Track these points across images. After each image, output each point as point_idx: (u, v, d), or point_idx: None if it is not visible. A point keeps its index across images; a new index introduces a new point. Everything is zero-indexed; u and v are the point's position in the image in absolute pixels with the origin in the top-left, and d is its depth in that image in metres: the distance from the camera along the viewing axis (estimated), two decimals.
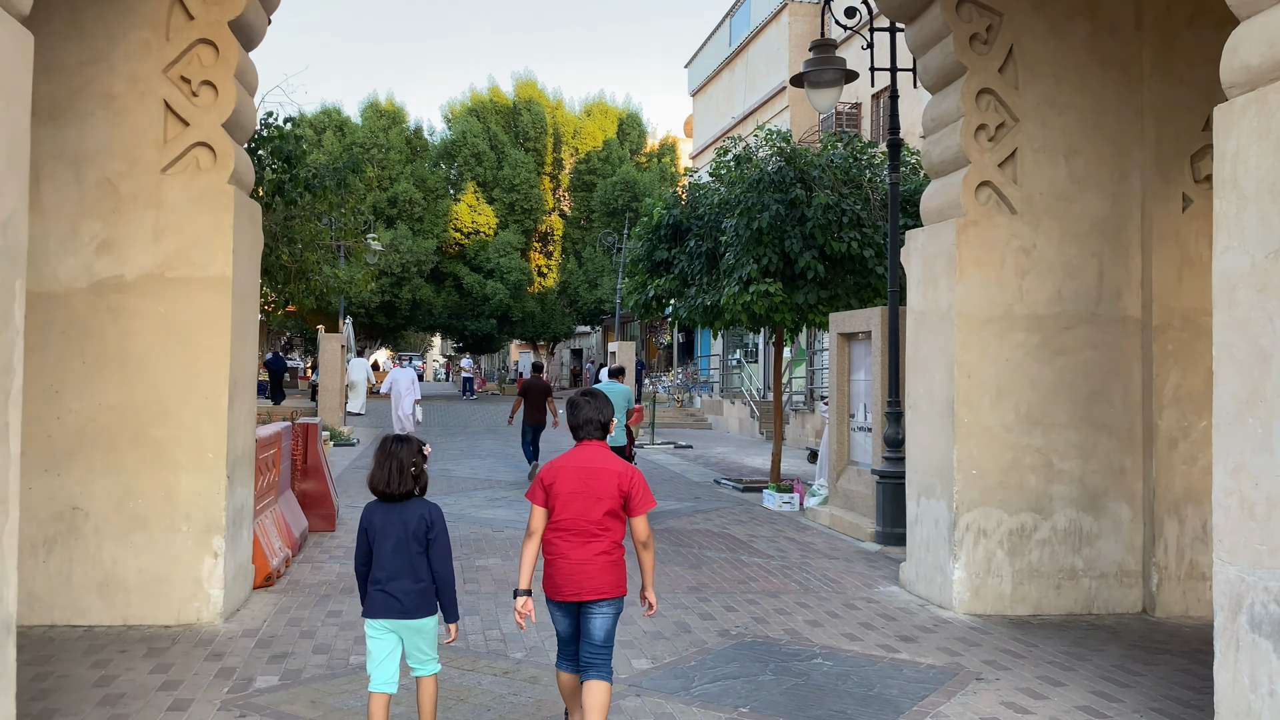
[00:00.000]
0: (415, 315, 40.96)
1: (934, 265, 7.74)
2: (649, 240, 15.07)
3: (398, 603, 4.21)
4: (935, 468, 7.64)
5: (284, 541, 8.49)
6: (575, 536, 4.23)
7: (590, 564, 4.22)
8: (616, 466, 4.30)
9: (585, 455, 4.33)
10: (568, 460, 4.33)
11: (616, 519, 4.28)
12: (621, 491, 4.24)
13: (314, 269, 13.08)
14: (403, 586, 4.21)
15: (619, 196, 39.15)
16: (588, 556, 4.22)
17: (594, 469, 4.27)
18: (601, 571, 4.22)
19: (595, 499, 4.22)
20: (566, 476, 4.27)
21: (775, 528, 11.21)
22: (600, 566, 4.22)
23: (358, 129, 39.86)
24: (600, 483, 4.24)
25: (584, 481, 4.24)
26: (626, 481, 4.27)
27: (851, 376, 11.80)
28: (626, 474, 4.30)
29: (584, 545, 4.22)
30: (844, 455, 11.79)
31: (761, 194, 12.99)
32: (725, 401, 28.62)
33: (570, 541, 4.23)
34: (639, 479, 4.32)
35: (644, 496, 4.30)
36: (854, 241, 12.74)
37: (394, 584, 4.20)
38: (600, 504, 4.23)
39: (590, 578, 4.22)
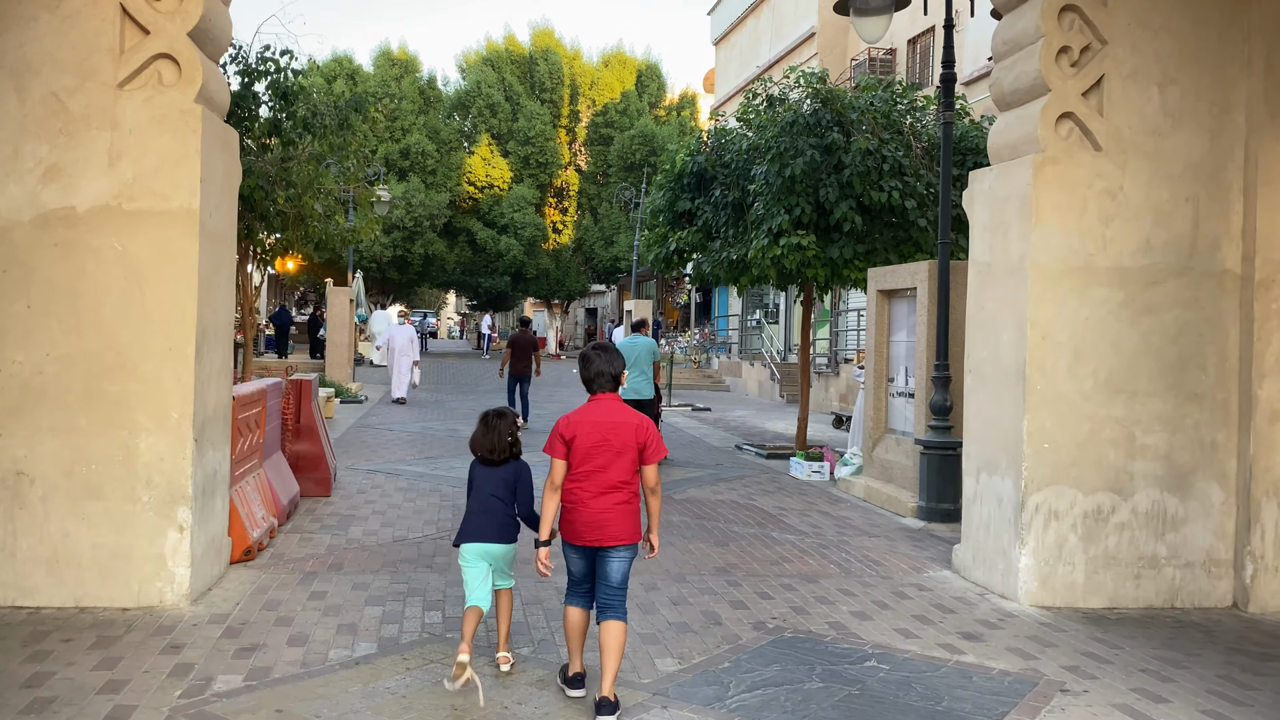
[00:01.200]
0: (428, 271, 40.02)
1: (1004, 210, 6.78)
2: (670, 190, 14.09)
3: (487, 531, 4.92)
4: (1000, 440, 6.74)
5: (269, 510, 7.68)
6: (597, 487, 4.41)
7: (611, 512, 4.42)
8: (633, 419, 4.49)
9: (602, 409, 4.50)
10: (585, 415, 4.49)
11: (635, 469, 4.48)
12: (639, 442, 4.44)
13: (312, 215, 12.15)
14: (493, 522, 4.93)
15: (637, 151, 37.94)
16: (608, 505, 4.41)
17: (612, 423, 4.45)
18: (622, 519, 4.43)
19: (616, 452, 4.42)
20: (586, 430, 4.43)
21: (806, 499, 10.35)
22: (621, 515, 4.43)
23: (369, 77, 38.67)
24: (619, 435, 4.43)
25: (604, 435, 4.42)
26: (643, 433, 4.48)
27: (891, 338, 10.86)
28: (643, 425, 4.50)
29: (605, 495, 4.41)
30: (881, 422, 10.90)
31: (795, 138, 11.99)
32: (744, 363, 27.71)
33: (591, 491, 4.42)
34: (653, 429, 4.53)
35: (657, 446, 4.52)
36: (895, 191, 11.75)
37: (486, 520, 4.93)
38: (621, 456, 4.43)
39: (611, 524, 4.42)
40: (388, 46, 40.35)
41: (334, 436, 14.41)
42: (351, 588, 6.42)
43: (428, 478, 10.93)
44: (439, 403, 20.94)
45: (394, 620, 5.78)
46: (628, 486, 4.46)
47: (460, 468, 11.72)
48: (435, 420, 17.41)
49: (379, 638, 5.46)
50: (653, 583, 6.74)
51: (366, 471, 11.23)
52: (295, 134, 12.61)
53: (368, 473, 11.15)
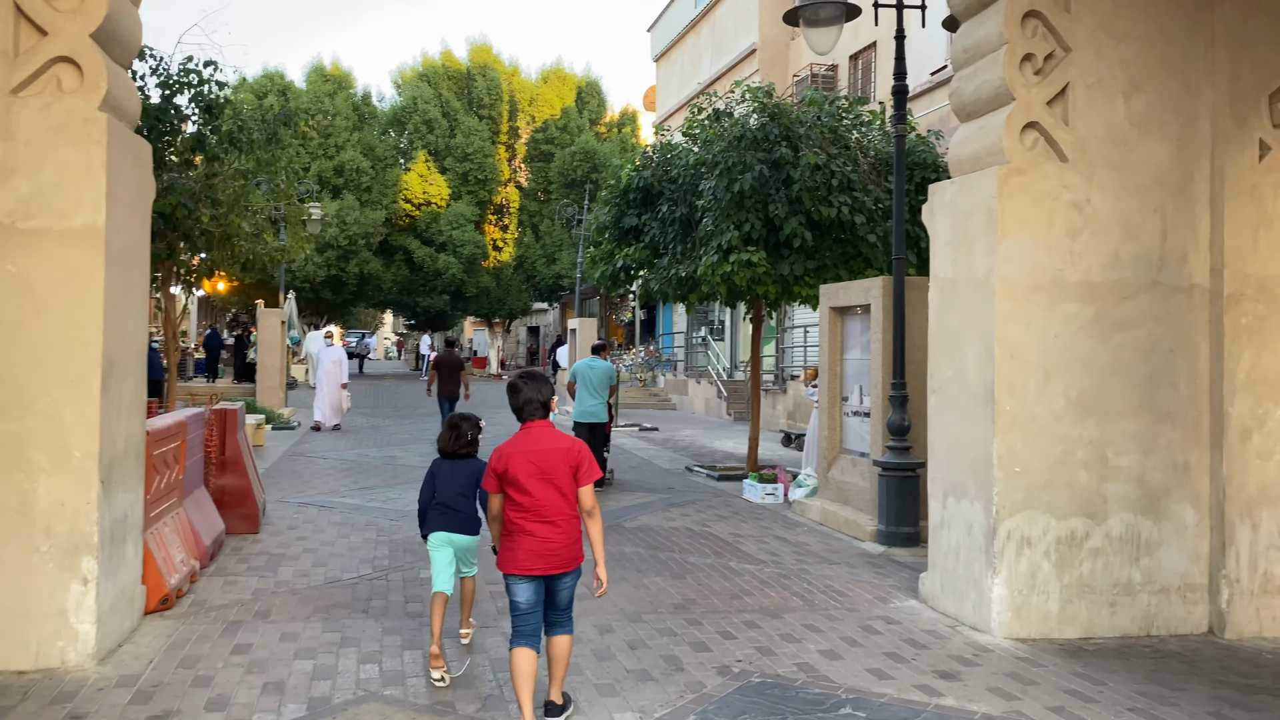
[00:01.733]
0: (363, 290, 39.12)
1: (968, 223, 6.51)
2: (616, 206, 13.73)
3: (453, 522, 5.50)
4: (968, 464, 6.45)
5: (190, 552, 7.09)
6: (539, 517, 4.38)
7: (555, 541, 4.40)
8: (563, 444, 4.46)
9: (532, 437, 4.46)
10: (515, 445, 4.45)
11: (574, 494, 4.45)
12: (571, 466, 4.42)
13: (239, 233, 11.54)
14: (457, 515, 5.51)
15: (578, 167, 37.57)
16: (553, 534, 4.39)
17: (543, 450, 4.41)
18: (566, 547, 4.43)
19: (551, 480, 4.39)
20: (518, 462, 4.39)
21: (762, 525, 10.00)
22: (565, 543, 4.42)
23: (301, 93, 37.74)
24: (552, 462, 4.40)
25: (536, 464, 4.38)
26: (575, 456, 4.44)
27: (844, 355, 10.59)
28: (573, 449, 4.46)
29: (548, 524, 4.38)
30: (836, 443, 10.60)
31: (743, 153, 11.71)
32: (690, 381, 27.42)
33: (534, 522, 4.38)
34: (585, 451, 4.49)
35: (590, 468, 4.46)
36: (844, 206, 11.51)
37: (451, 513, 5.49)
38: (557, 483, 4.40)
39: (557, 554, 4.40)
40: (320, 63, 39.49)
41: (264, 466, 13.75)
42: (279, 638, 5.89)
43: (364, 510, 10.37)
44: (375, 428, 20.26)
45: (326, 675, 5.27)
46: (570, 512, 4.45)
47: (397, 498, 11.17)
48: (371, 447, 16.77)
49: (309, 698, 4.95)
50: (607, 624, 6.31)
51: (298, 505, 10.62)
52: (221, 149, 12.05)
53: (299, 506, 10.54)
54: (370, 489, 11.91)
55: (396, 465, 14.21)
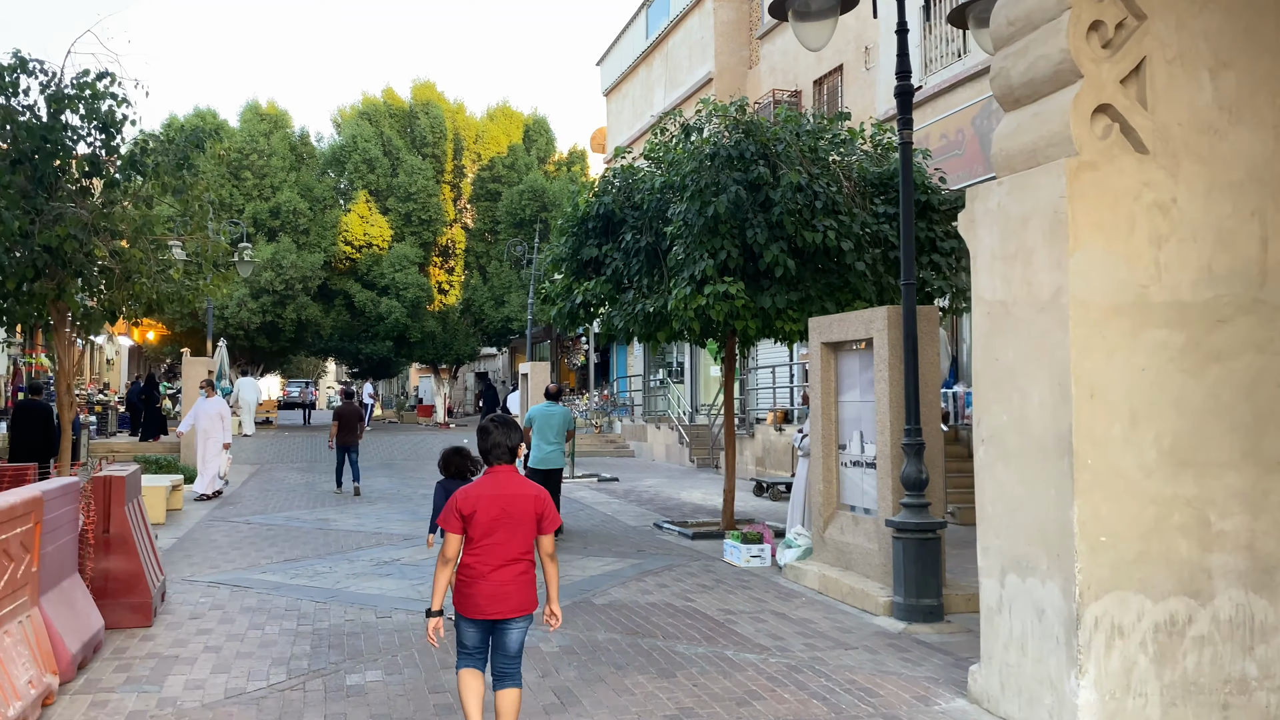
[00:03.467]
0: (302, 337, 37.25)
1: (1024, 232, 5.27)
2: (573, 235, 12.41)
3: None
4: (1035, 532, 5.15)
5: (44, 666, 5.52)
6: (496, 559, 4.37)
7: (511, 584, 4.38)
8: (530, 490, 4.47)
9: (499, 482, 4.45)
10: (483, 488, 4.42)
11: (532, 540, 4.46)
12: (536, 513, 4.43)
13: (141, 270, 10.00)
14: None
15: (526, 206, 36.27)
16: (508, 578, 4.38)
17: (511, 495, 4.41)
18: (520, 591, 4.40)
19: (516, 523, 4.39)
20: (486, 504, 4.37)
21: (753, 596, 8.61)
22: (520, 586, 4.40)
23: (235, 133, 36.10)
24: (518, 507, 4.40)
25: (504, 508, 4.38)
26: (540, 504, 4.45)
27: (840, 397, 9.31)
28: (540, 496, 4.46)
29: (505, 567, 4.38)
30: (832, 497, 9.28)
31: (717, 173, 10.48)
32: (649, 426, 26.04)
33: (491, 564, 4.37)
34: (548, 499, 4.49)
35: (553, 516, 4.48)
36: (830, 231, 10.31)
37: None
38: (521, 527, 4.41)
39: (512, 596, 4.38)
40: (255, 102, 37.85)
41: (179, 534, 12.10)
42: None
43: (284, 590, 8.79)
44: (309, 486, 18.58)
45: None
46: (526, 557, 4.44)
47: (326, 572, 9.62)
48: (303, 508, 15.11)
49: None
50: None
51: (208, 585, 9.02)
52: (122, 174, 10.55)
53: (209, 586, 8.94)
54: (296, 561, 10.31)
55: (329, 530, 12.60)
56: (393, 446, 29.00)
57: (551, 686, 5.96)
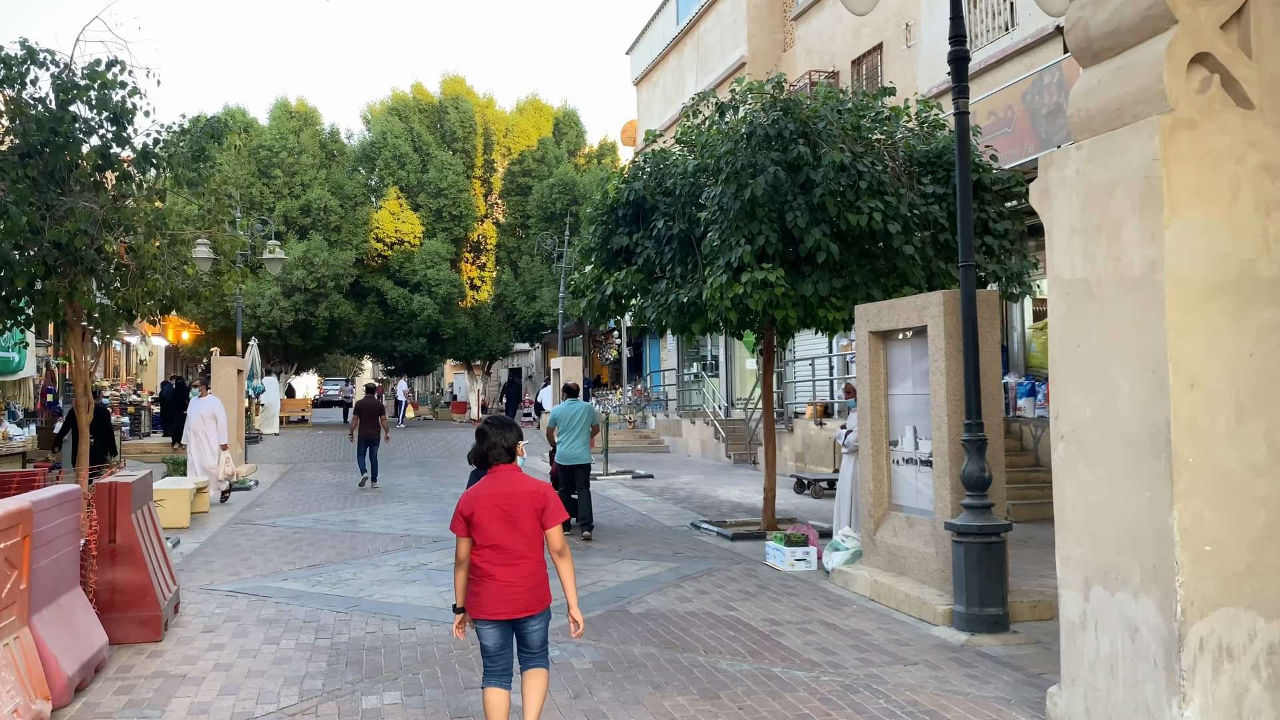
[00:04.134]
0: (335, 335, 37.03)
1: (1109, 202, 4.67)
2: (603, 224, 11.90)
3: None
4: (1126, 539, 4.55)
5: (35, 691, 5.10)
6: (502, 561, 4.34)
7: (519, 585, 4.35)
8: (528, 486, 4.43)
9: (498, 481, 4.43)
10: (482, 489, 4.41)
11: (539, 537, 4.40)
12: (536, 509, 4.38)
13: (155, 266, 9.59)
14: None
15: (557, 200, 35.80)
16: (516, 578, 4.35)
17: (508, 494, 4.38)
18: (530, 591, 4.37)
19: (516, 523, 4.35)
20: (484, 505, 4.37)
21: (800, 604, 8.06)
22: (529, 586, 4.37)
23: (264, 131, 35.95)
24: (517, 506, 4.37)
25: (501, 508, 4.36)
26: (540, 499, 4.39)
27: (890, 390, 8.72)
28: (538, 492, 4.41)
29: (511, 567, 4.34)
30: (883, 497, 8.70)
31: (753, 153, 9.91)
32: (684, 421, 25.49)
33: (497, 565, 4.34)
34: (551, 494, 4.44)
35: (556, 510, 4.41)
36: (876, 213, 9.70)
37: None
38: (522, 527, 4.36)
39: (520, 598, 4.35)
40: (284, 99, 37.69)
41: (204, 538, 11.75)
42: None
43: (305, 600, 8.36)
44: (339, 486, 18.22)
45: None
46: (534, 556, 4.40)
47: (350, 579, 9.19)
48: (331, 508, 14.73)
49: None
50: None
51: (225, 594, 8.60)
52: (136, 167, 10.16)
53: (226, 595, 8.53)
54: (320, 567, 9.89)
55: (356, 533, 12.19)
56: (426, 443, 28.68)
57: (584, 710, 5.45)
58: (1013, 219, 10.91)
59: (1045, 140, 12.79)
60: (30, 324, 10.55)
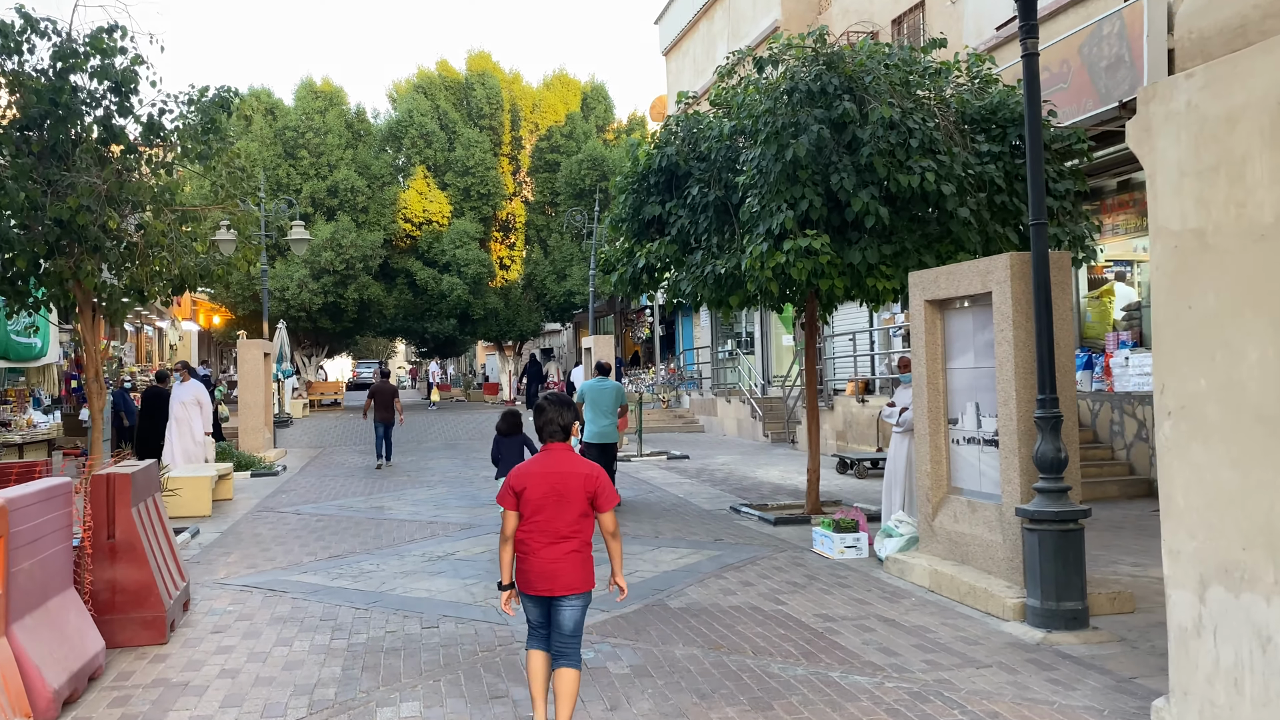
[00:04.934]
0: (365, 317, 36.67)
1: (1230, 137, 3.97)
2: (634, 193, 11.27)
3: None
4: (1255, 532, 3.88)
5: (9, 710, 4.60)
6: (547, 537, 4.34)
7: (561, 562, 4.33)
8: (582, 469, 4.40)
9: (551, 460, 4.42)
10: (535, 465, 4.42)
11: (586, 519, 4.39)
12: (588, 493, 4.36)
13: (161, 242, 9.08)
14: None
15: (586, 176, 35.08)
16: (559, 555, 4.33)
17: (561, 473, 4.36)
18: (572, 569, 4.35)
19: (565, 503, 4.34)
20: (535, 482, 4.36)
21: (853, 596, 7.43)
22: (571, 565, 4.35)
23: (290, 112, 35.51)
24: (568, 485, 4.35)
25: (553, 486, 4.34)
26: (593, 483, 4.38)
27: (948, 364, 8.04)
28: (592, 475, 4.39)
29: (555, 545, 4.34)
30: (942, 479, 8.04)
31: (796, 110, 9.22)
32: (719, 400, 24.85)
33: (541, 541, 4.34)
34: (603, 479, 4.41)
35: (609, 494, 4.40)
36: (929, 173, 8.99)
37: None
38: (570, 507, 4.35)
39: (562, 574, 4.33)
40: (310, 79, 37.19)
41: (224, 527, 11.32)
42: None
43: (324, 594, 7.85)
44: (368, 470, 17.79)
45: None
46: (578, 536, 4.37)
47: (374, 571, 8.68)
48: (359, 494, 14.28)
49: None
50: None
51: (240, 589, 8.12)
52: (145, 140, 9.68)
53: (241, 590, 8.04)
54: (342, 558, 9.40)
55: (383, 519, 11.71)
56: (457, 425, 28.28)
57: None
58: (1074, 178, 10.15)
59: (1105, 95, 11.96)
60: (38, 307, 10.13)
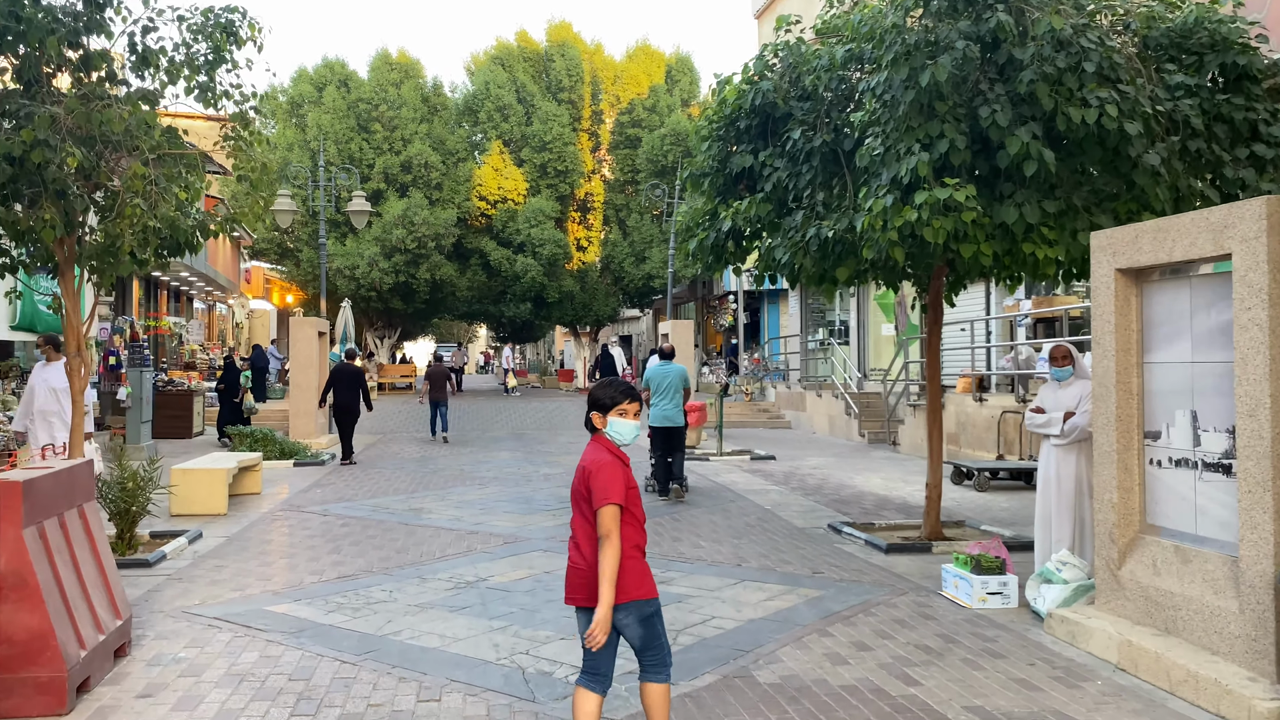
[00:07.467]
0: (438, 299, 35.30)
1: None
2: (719, 140, 9.26)
3: None
4: None
5: None
6: (581, 540, 3.88)
7: (587, 572, 3.81)
8: (583, 460, 3.90)
9: (584, 453, 3.99)
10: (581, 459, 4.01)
11: None
12: (586, 487, 3.83)
13: (136, 187, 7.39)
14: None
15: (668, 152, 33.05)
16: (583, 564, 3.84)
17: (579, 468, 3.92)
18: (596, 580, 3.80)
19: (580, 501, 3.90)
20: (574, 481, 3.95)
21: (1012, 674, 5.35)
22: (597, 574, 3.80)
23: (364, 84, 34.23)
24: (579, 481, 3.90)
25: (576, 485, 3.92)
26: (584, 476, 3.84)
27: (1149, 357, 5.88)
28: (586, 468, 3.85)
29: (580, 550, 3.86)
30: (1135, 513, 5.89)
31: (934, 25, 7.11)
32: (809, 394, 22.67)
33: (573, 545, 3.92)
34: (600, 470, 3.79)
35: (600, 488, 3.75)
36: (1109, 106, 6.80)
37: None
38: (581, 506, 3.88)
39: (587, 585, 3.81)
40: (385, 51, 35.88)
41: (235, 529, 9.74)
42: None
43: (308, 636, 6.07)
44: (422, 462, 16.17)
45: None
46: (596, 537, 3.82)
47: (385, 603, 6.88)
48: (400, 491, 12.60)
49: None
50: None
51: (208, 623, 6.40)
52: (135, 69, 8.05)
53: (207, 627, 6.32)
54: (352, 579, 7.66)
55: (416, 526, 9.97)
56: (526, 414, 26.64)
57: None
58: None
59: None
60: (15, 269, 8.61)
